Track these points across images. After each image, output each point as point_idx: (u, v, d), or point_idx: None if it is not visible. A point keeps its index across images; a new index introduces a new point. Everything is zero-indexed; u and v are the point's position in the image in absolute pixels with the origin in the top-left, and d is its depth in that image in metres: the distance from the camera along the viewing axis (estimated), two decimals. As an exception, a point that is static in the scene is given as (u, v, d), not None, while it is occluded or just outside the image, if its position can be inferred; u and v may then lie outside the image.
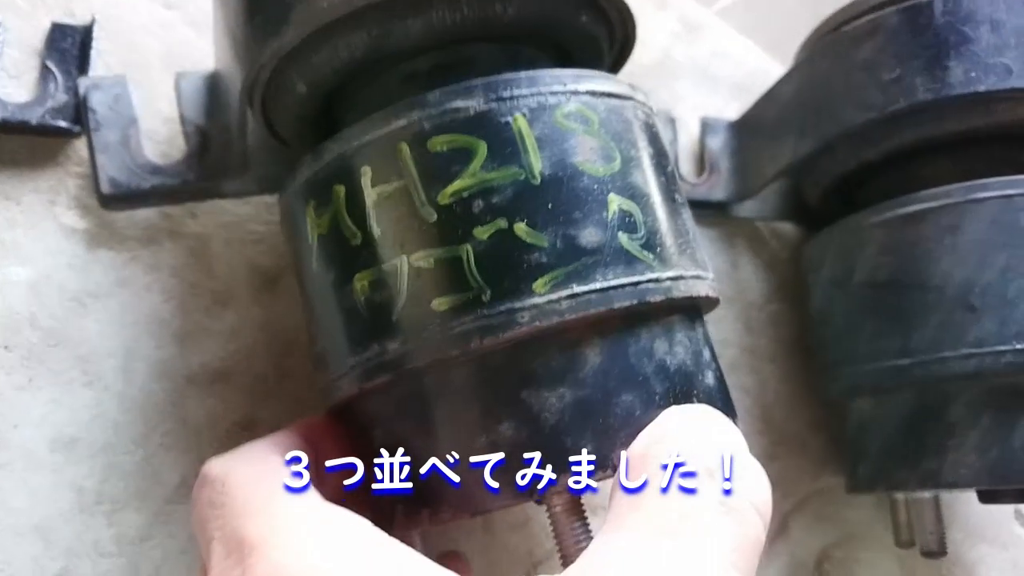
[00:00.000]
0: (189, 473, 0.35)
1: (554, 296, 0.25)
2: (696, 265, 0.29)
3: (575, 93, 0.27)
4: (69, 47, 0.40)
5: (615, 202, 0.27)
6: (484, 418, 0.26)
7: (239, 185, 0.37)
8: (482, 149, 0.26)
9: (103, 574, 0.33)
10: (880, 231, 0.39)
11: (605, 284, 0.25)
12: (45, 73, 0.39)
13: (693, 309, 0.30)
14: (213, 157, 0.38)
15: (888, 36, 0.40)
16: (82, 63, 0.39)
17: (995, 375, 0.35)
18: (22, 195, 0.37)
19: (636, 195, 0.27)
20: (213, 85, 0.38)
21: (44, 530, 0.33)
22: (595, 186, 0.26)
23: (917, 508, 0.40)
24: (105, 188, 0.36)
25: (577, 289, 0.25)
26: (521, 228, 0.26)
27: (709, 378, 0.28)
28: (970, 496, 0.49)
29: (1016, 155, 0.40)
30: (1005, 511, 0.50)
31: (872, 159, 0.42)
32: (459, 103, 0.27)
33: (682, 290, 0.27)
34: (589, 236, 0.26)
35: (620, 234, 0.26)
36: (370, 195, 0.27)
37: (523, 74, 0.27)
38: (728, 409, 0.28)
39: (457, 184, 0.26)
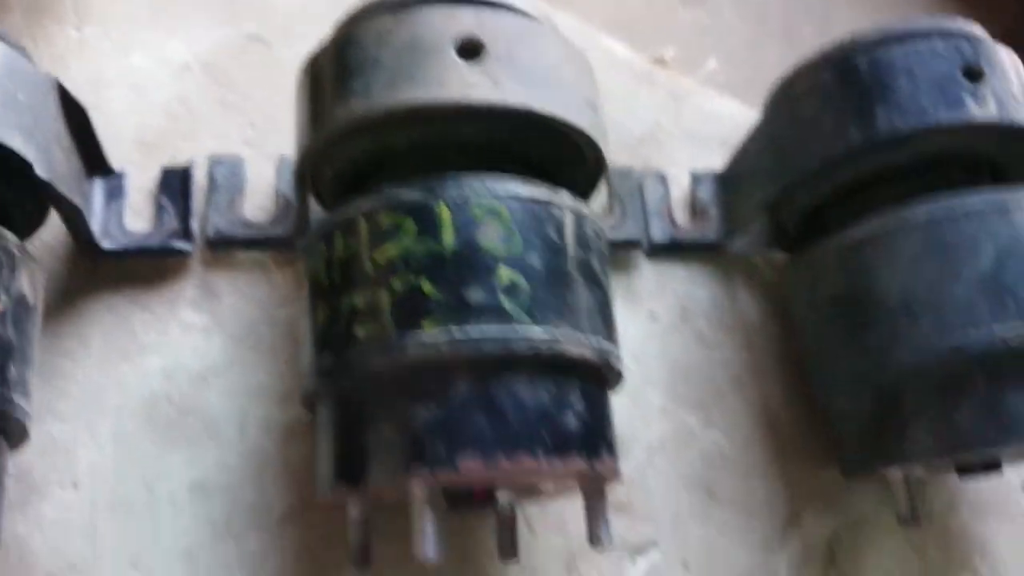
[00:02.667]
0: (295, 501, 0.45)
1: (439, 337, 0.34)
2: (579, 332, 0.36)
3: (494, 195, 0.37)
4: (176, 185, 0.52)
5: (506, 274, 0.35)
6: (372, 421, 0.35)
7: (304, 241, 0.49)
8: (411, 226, 0.36)
9: (236, 586, 0.43)
10: (834, 256, 0.47)
11: (480, 335, 0.34)
12: (160, 208, 0.51)
13: (570, 368, 0.37)
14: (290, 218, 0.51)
15: (824, 93, 0.48)
16: (186, 196, 0.51)
17: (935, 368, 0.42)
18: (151, 303, 0.49)
19: (527, 272, 0.36)
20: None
21: (190, 555, 0.43)
22: (491, 262, 0.35)
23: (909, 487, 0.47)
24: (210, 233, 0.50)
25: (457, 335, 0.34)
26: (426, 284, 0.35)
27: (570, 423, 0.35)
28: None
29: (949, 174, 0.47)
30: (1012, 485, 0.55)
31: (828, 193, 0.50)
32: (403, 193, 0.37)
33: (549, 350, 0.35)
34: (476, 296, 0.35)
35: (503, 297, 0.35)
36: (338, 254, 0.38)
37: (453, 175, 0.37)
38: (589, 449, 0.36)
39: (389, 249, 0.36)
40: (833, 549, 0.51)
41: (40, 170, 0.40)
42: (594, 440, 0.37)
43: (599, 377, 0.39)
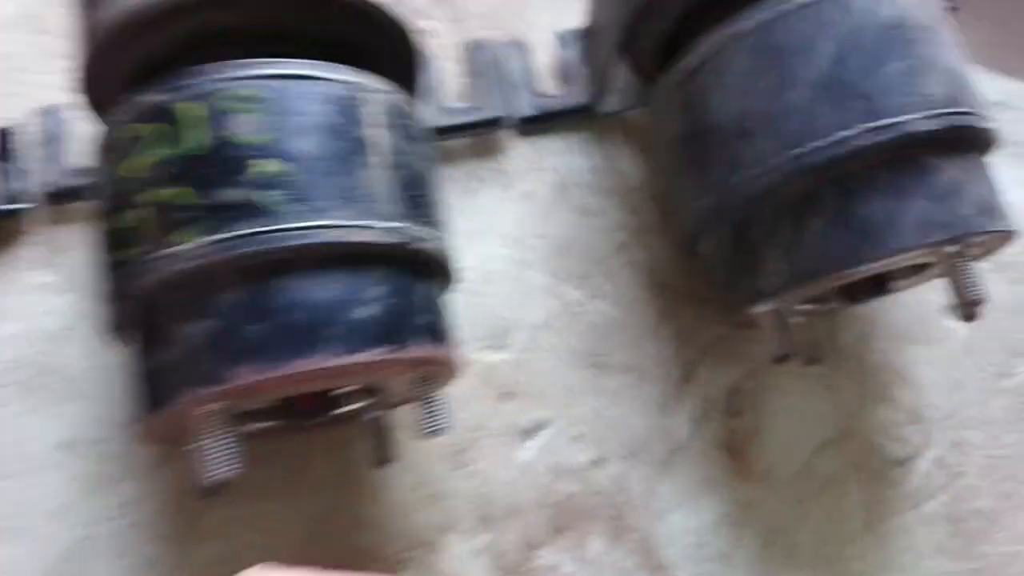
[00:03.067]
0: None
1: (197, 247, 0.32)
2: (362, 216, 0.33)
3: (248, 78, 0.34)
4: (4, 144, 0.50)
5: (262, 165, 0.32)
6: (155, 345, 0.34)
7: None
8: (158, 132, 0.33)
9: (115, 532, 0.43)
10: (676, 90, 0.43)
11: (239, 236, 0.31)
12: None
13: (358, 257, 0.34)
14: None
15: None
16: (6, 156, 0.49)
17: (780, 188, 0.38)
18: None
19: (294, 159, 0.33)
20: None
21: (65, 512, 0.43)
22: (245, 153, 0.32)
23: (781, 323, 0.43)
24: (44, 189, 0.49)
25: (215, 241, 0.31)
26: (181, 192, 0.32)
27: (362, 312, 0.33)
28: (888, 303, 0.52)
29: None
30: (931, 309, 0.52)
31: (672, 28, 0.45)
32: (147, 97, 0.34)
33: (324, 237, 0.32)
34: (230, 195, 0.32)
35: (260, 192, 0.32)
36: (104, 173, 0.36)
37: (205, 66, 0.34)
38: (389, 340, 0.33)
39: (138, 161, 0.33)
40: (734, 400, 0.48)
41: None
42: (403, 329, 0.34)
43: (407, 263, 0.36)
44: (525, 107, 0.54)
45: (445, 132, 0.52)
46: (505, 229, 0.52)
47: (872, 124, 0.36)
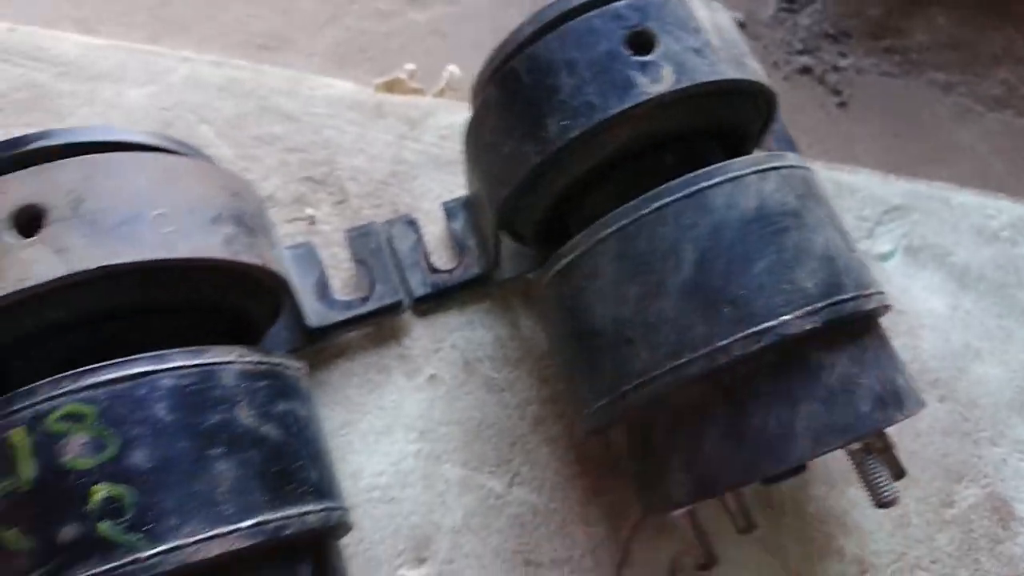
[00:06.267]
0: None
1: None
2: (216, 523, 0.30)
3: (70, 392, 0.31)
4: None
5: (101, 491, 0.30)
6: None
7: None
8: None
9: None
10: (551, 288, 0.41)
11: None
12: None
13: (221, 567, 0.31)
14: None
15: (496, 113, 0.42)
16: None
17: (666, 398, 0.36)
18: None
19: (132, 476, 0.30)
20: None
21: None
22: (80, 480, 0.30)
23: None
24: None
25: None
26: (11, 534, 0.29)
27: None
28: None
29: (659, 162, 0.41)
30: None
31: (546, 214, 0.44)
32: None
33: (173, 562, 0.29)
34: (68, 532, 0.29)
35: (101, 524, 0.29)
36: None
37: (23, 390, 0.31)
38: None
39: None
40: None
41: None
42: None
43: (292, 552, 0.34)
44: (420, 286, 0.52)
45: (341, 326, 0.50)
46: (413, 421, 0.49)
47: (745, 332, 0.34)
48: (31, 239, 0.33)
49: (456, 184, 0.55)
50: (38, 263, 0.33)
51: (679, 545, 0.47)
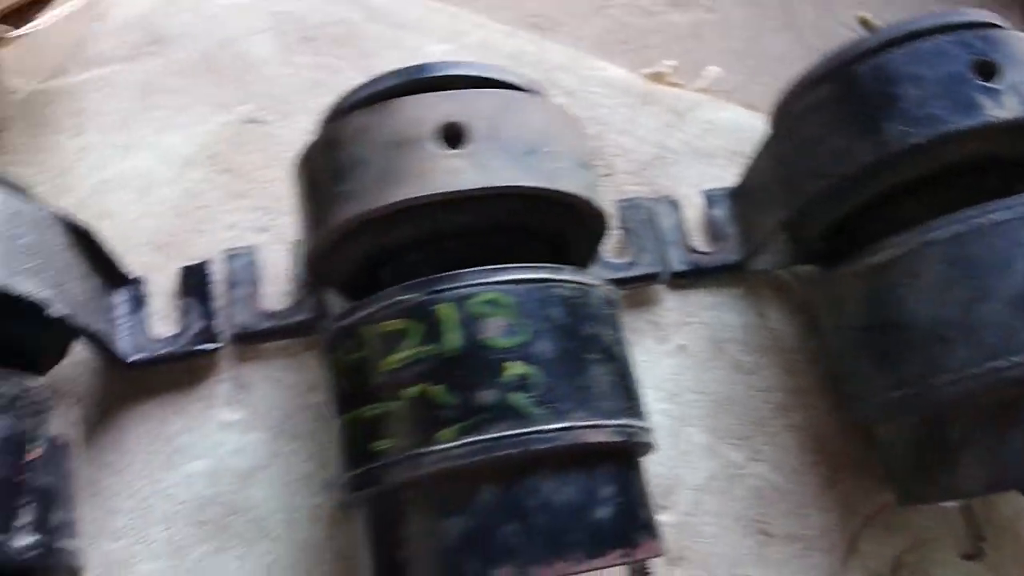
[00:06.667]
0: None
1: (455, 446, 0.33)
2: (599, 416, 0.35)
3: (492, 283, 0.36)
4: (195, 283, 0.53)
5: (513, 368, 0.34)
6: (404, 538, 0.35)
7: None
8: (413, 330, 0.35)
9: None
10: (857, 281, 0.44)
11: (495, 438, 0.33)
12: (183, 310, 0.52)
13: (595, 456, 0.36)
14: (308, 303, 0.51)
15: (826, 109, 0.46)
16: (206, 295, 0.52)
17: (979, 397, 0.39)
18: (187, 406, 0.50)
19: (537, 361, 0.35)
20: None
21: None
22: (498, 356, 0.35)
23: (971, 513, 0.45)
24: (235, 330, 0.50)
25: (472, 441, 0.33)
26: (436, 390, 0.34)
27: (603, 516, 0.35)
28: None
29: (980, 181, 0.44)
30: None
31: (844, 214, 0.47)
32: (403, 297, 0.36)
33: (568, 440, 0.34)
34: (486, 396, 0.34)
35: (513, 394, 0.34)
36: (346, 364, 0.38)
37: (451, 274, 0.36)
38: (626, 540, 0.35)
39: (394, 356, 0.35)
40: (900, 574, 0.49)
41: (56, 308, 0.41)
42: (631, 528, 0.36)
43: (628, 457, 0.38)
44: (678, 262, 0.56)
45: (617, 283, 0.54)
46: (662, 383, 0.53)
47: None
48: (455, 151, 0.38)
49: (712, 175, 0.59)
50: (464, 172, 0.38)
51: (905, 544, 0.50)
